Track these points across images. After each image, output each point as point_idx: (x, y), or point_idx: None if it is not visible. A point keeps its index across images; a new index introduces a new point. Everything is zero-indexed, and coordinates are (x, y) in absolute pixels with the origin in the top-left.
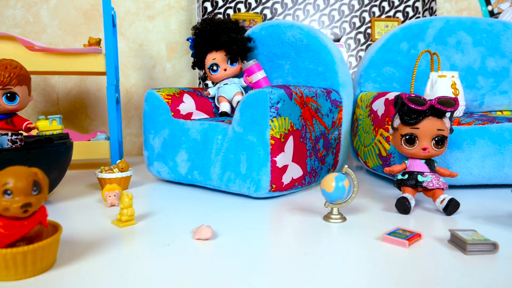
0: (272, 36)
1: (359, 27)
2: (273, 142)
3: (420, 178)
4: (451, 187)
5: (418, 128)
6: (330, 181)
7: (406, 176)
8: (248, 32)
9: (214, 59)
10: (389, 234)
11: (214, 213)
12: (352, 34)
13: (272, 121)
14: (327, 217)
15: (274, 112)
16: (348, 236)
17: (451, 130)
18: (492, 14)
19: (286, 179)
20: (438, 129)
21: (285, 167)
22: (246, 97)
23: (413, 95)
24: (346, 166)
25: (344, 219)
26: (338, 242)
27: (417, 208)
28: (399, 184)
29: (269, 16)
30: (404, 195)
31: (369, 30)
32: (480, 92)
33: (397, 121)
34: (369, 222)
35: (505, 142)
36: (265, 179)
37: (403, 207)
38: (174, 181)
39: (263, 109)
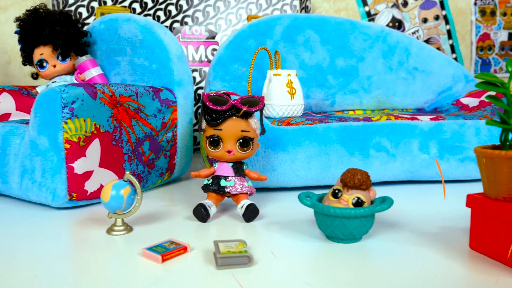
0: (110, 31)
1: (236, 24)
2: (68, 146)
3: (223, 182)
4: (278, 189)
5: (221, 130)
6: (107, 189)
7: (211, 180)
8: (89, 26)
9: (42, 54)
10: (150, 248)
11: None
12: (228, 32)
13: (66, 123)
14: (110, 229)
15: (68, 113)
16: (116, 251)
17: (263, 131)
18: (369, 15)
19: (91, 186)
20: (242, 130)
21: (88, 174)
22: (38, 97)
23: (213, 94)
24: (128, 172)
25: (129, 230)
26: (100, 258)
27: (224, 214)
28: (205, 190)
29: (138, 10)
30: (203, 201)
31: None
32: (330, 91)
33: (204, 123)
34: (157, 233)
35: (331, 142)
36: (61, 187)
37: (200, 215)
38: None
39: (54, 110)
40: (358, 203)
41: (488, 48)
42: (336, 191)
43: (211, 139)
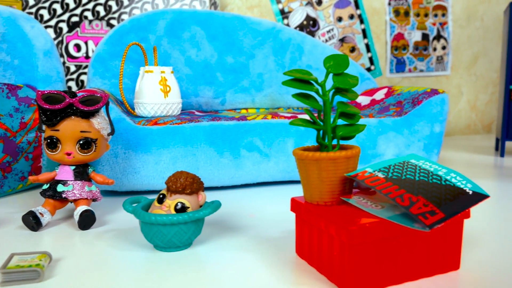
0: None
1: None
2: None
3: (60, 187)
4: (144, 192)
5: (58, 130)
6: None
7: (48, 185)
8: None
9: None
10: None
11: None
12: None
13: None
14: None
15: None
16: None
17: (112, 131)
18: (283, 12)
19: None
20: (82, 131)
21: None
22: None
23: (47, 92)
24: None
25: None
26: None
27: (66, 221)
28: (42, 195)
29: (31, 3)
30: (34, 209)
31: None
32: (220, 89)
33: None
34: None
35: (199, 142)
36: None
37: (29, 224)
38: None
39: None
40: (182, 209)
41: (402, 48)
42: (161, 196)
43: (48, 140)
